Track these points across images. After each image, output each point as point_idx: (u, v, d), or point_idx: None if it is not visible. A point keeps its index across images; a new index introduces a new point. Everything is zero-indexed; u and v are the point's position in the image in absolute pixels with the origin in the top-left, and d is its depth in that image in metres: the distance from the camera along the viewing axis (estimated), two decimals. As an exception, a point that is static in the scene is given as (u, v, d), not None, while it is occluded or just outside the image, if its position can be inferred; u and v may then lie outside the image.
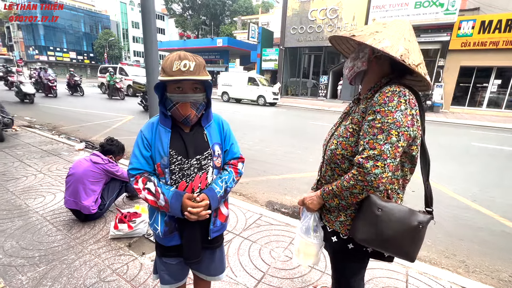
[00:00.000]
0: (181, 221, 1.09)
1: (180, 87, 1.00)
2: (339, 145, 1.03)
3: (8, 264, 1.89)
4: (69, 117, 8.43)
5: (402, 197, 1.06)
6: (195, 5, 38.79)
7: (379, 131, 0.88)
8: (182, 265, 1.21)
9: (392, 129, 0.87)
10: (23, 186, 3.18)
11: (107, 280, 1.78)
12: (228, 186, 1.14)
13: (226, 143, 1.20)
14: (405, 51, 0.88)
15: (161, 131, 1.07)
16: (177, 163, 1.06)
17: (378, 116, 0.89)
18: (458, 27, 13.42)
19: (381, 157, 0.86)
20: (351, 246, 1.06)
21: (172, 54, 1.00)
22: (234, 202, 3.02)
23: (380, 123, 0.88)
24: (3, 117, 5.20)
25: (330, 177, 1.10)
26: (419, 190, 3.75)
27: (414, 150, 0.96)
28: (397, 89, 0.89)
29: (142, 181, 1.05)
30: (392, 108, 0.87)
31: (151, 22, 2.49)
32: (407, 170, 1.02)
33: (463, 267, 2.23)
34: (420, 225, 0.92)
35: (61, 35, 47.23)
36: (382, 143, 0.87)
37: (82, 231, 2.35)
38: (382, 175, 0.87)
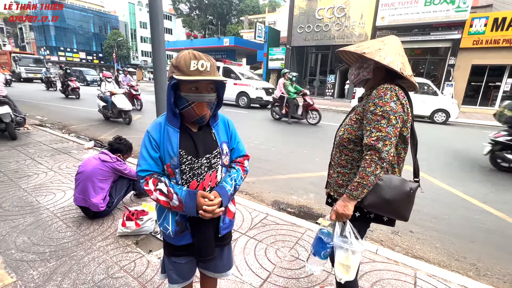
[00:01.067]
0: (192, 220, 1.10)
1: (197, 87, 1.01)
2: (345, 131, 1.27)
3: (20, 259, 1.94)
4: (77, 115, 8.60)
5: (397, 171, 1.25)
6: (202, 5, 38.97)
7: (381, 118, 1.10)
8: (191, 264, 1.22)
9: (391, 115, 1.10)
10: (34, 184, 3.25)
11: (115, 277, 1.81)
12: (237, 183, 1.16)
13: (232, 141, 1.21)
14: (402, 65, 1.16)
15: (169, 131, 1.06)
16: (187, 162, 1.06)
17: (378, 106, 1.11)
18: (470, 24, 13.09)
19: (387, 136, 1.09)
20: (358, 214, 1.26)
21: (184, 53, 0.99)
22: (240, 201, 3.03)
23: (381, 111, 1.11)
24: (16, 116, 5.33)
25: (338, 158, 1.31)
26: (427, 190, 3.67)
27: (404, 131, 1.19)
28: (388, 86, 1.14)
29: (152, 182, 1.05)
30: (388, 99, 1.11)
31: (159, 23, 2.51)
32: (400, 149, 1.23)
33: (473, 270, 2.18)
34: (411, 191, 1.18)
35: (71, 35, 48.15)
36: (385, 126, 1.09)
37: (91, 228, 2.40)
38: (390, 151, 1.09)
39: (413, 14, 14.03)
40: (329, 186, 1.40)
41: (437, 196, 3.53)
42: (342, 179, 1.29)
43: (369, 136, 1.11)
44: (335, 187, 1.32)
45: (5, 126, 5.08)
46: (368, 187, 1.13)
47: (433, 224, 2.85)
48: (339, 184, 1.30)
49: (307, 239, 2.34)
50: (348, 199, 1.17)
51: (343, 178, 1.28)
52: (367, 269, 1.98)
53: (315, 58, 19.56)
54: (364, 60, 1.25)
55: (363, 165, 1.12)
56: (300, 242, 2.30)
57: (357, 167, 1.23)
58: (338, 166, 1.30)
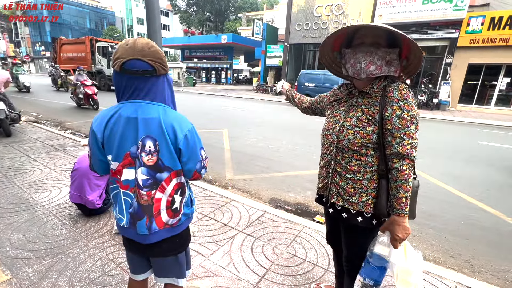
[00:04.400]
0: None
1: None
2: (357, 135, 1.13)
3: (15, 257, 1.92)
4: (73, 112, 8.51)
5: None
6: (200, 1, 38.62)
7: (410, 123, 1.04)
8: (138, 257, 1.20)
9: (417, 119, 1.06)
10: (29, 181, 3.22)
11: (111, 274, 1.80)
12: None
13: None
14: None
15: None
16: None
17: (405, 110, 1.04)
18: (467, 23, 13.13)
19: (417, 143, 1.06)
20: (375, 222, 1.19)
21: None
22: (237, 198, 3.02)
23: (409, 116, 1.04)
24: (10, 112, 5.26)
25: (347, 164, 1.18)
26: (423, 188, 3.69)
27: None
28: (406, 86, 1.07)
29: None
30: (411, 102, 1.05)
31: (156, 19, 2.48)
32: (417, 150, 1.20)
33: (468, 267, 2.21)
34: (417, 189, 1.18)
35: (67, 31, 47.53)
36: (414, 131, 1.05)
37: (87, 225, 2.38)
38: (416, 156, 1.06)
39: (411, 13, 14.05)
40: (335, 196, 1.24)
41: (433, 194, 3.55)
42: (353, 186, 1.17)
43: (401, 144, 1.03)
44: (345, 196, 1.19)
45: (0, 123, 5.01)
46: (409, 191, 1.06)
47: (428, 221, 2.87)
48: (350, 193, 1.18)
49: (304, 237, 2.35)
50: (403, 219, 1.05)
51: (355, 185, 1.16)
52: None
53: (313, 56, 19.53)
54: (388, 52, 1.08)
55: (403, 177, 1.03)
56: (297, 239, 2.31)
57: (370, 172, 1.14)
58: (348, 173, 1.17)
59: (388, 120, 1.06)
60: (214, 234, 2.32)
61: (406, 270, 1.08)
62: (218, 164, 4.36)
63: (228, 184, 3.62)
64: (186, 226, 1.16)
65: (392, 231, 1.08)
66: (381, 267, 1.15)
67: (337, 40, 1.23)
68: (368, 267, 1.18)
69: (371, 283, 1.19)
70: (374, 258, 1.15)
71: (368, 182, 1.15)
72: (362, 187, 1.16)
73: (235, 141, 5.84)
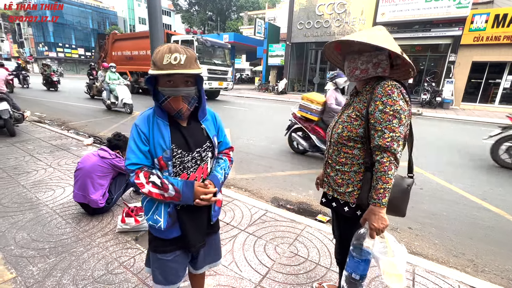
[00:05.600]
0: (183, 210, 1.12)
1: (171, 80, 0.99)
2: (345, 129, 1.22)
3: (19, 255, 1.95)
4: (75, 112, 8.57)
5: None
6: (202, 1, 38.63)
7: (392, 117, 1.07)
8: (177, 264, 1.19)
9: (401, 114, 1.07)
10: (33, 180, 3.25)
11: (114, 273, 1.81)
12: (226, 172, 1.22)
13: (220, 134, 1.26)
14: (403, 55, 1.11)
15: (159, 124, 1.06)
16: (178, 156, 1.07)
17: (387, 105, 1.08)
18: (471, 21, 13.01)
19: (400, 137, 1.07)
20: (359, 213, 1.23)
21: (163, 47, 0.98)
22: (239, 197, 3.03)
23: (392, 110, 1.07)
24: (14, 111, 5.31)
25: (337, 156, 1.27)
26: (426, 187, 3.68)
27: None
28: (393, 83, 1.10)
29: (144, 175, 1.03)
30: (396, 97, 1.08)
31: (158, 18, 2.49)
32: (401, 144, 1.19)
33: (471, 266, 2.20)
34: (408, 187, 1.20)
35: (69, 31, 47.82)
36: (397, 126, 1.07)
37: (90, 224, 2.40)
38: (401, 151, 1.10)
39: (414, 10, 13.94)
40: (326, 186, 1.36)
41: (436, 193, 3.53)
42: (341, 177, 1.25)
43: (382, 137, 1.07)
44: (334, 186, 1.29)
45: (4, 123, 5.06)
46: (390, 190, 1.09)
47: (431, 220, 2.86)
48: (338, 184, 1.26)
49: (306, 236, 2.35)
50: (380, 209, 1.09)
51: (343, 176, 1.24)
52: (365, 265, 1.99)
53: (315, 55, 19.47)
54: (374, 55, 1.13)
55: (383, 169, 1.06)
56: (299, 238, 2.31)
57: (357, 164, 1.21)
58: (337, 165, 1.26)
59: (372, 115, 1.12)
60: (216, 233, 2.32)
61: (391, 263, 1.12)
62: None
63: (230, 183, 3.63)
64: None
65: (368, 220, 1.12)
66: (364, 259, 1.17)
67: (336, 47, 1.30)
68: (352, 260, 1.20)
69: (357, 277, 1.20)
70: (356, 251, 1.18)
71: (354, 174, 1.22)
72: (350, 178, 1.23)
73: (237, 140, 5.84)
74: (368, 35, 1.09)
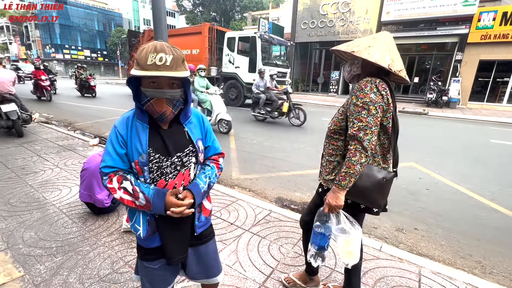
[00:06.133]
0: (162, 219, 1.04)
1: (155, 81, 0.92)
2: (332, 123, 1.40)
3: (27, 254, 1.98)
4: (83, 113, 8.67)
5: (378, 161, 1.31)
6: (206, 1, 38.77)
7: (362, 109, 1.18)
8: (164, 271, 1.13)
9: (371, 106, 1.18)
10: (41, 180, 3.30)
11: (120, 272, 1.83)
12: (211, 181, 1.13)
13: (207, 139, 1.17)
14: (391, 61, 1.22)
15: (138, 126, 1.00)
16: (155, 161, 1.00)
17: (359, 98, 1.20)
18: (478, 19, 12.81)
19: (368, 126, 1.16)
20: (349, 201, 1.32)
21: (148, 45, 0.91)
22: (243, 197, 3.03)
23: (362, 102, 1.19)
24: (22, 113, 5.39)
25: (327, 148, 1.42)
26: (432, 188, 3.64)
27: (384, 120, 1.26)
28: (369, 78, 1.22)
29: (117, 180, 0.99)
30: (368, 91, 1.19)
31: (162, 20, 2.51)
32: (383, 139, 1.30)
33: (479, 268, 2.16)
34: (384, 179, 1.25)
35: (76, 33, 48.42)
36: (366, 116, 1.17)
37: (96, 223, 2.42)
38: (372, 140, 1.17)
39: (419, 9, 13.78)
40: (320, 175, 1.47)
41: (442, 194, 3.49)
42: (329, 167, 1.39)
43: (352, 127, 1.19)
44: (324, 174, 1.41)
45: (12, 124, 5.15)
46: (355, 176, 1.18)
47: (438, 221, 2.82)
48: (327, 172, 1.40)
49: (311, 236, 2.34)
50: (338, 190, 1.22)
51: (329, 166, 1.39)
52: (371, 266, 1.97)
53: (319, 54, 19.38)
54: (354, 58, 1.31)
55: (348, 155, 1.19)
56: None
57: (340, 155, 1.35)
58: (327, 155, 1.41)
59: (348, 108, 1.26)
60: (220, 233, 2.33)
61: (346, 241, 1.29)
62: (224, 163, 4.37)
63: (234, 183, 3.63)
64: None
65: (327, 196, 1.28)
66: (321, 233, 1.36)
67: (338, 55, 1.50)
68: (313, 234, 1.40)
69: (315, 248, 1.39)
70: (316, 226, 1.37)
71: (338, 164, 1.36)
72: (334, 167, 1.37)
73: (241, 140, 5.85)
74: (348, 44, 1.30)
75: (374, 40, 1.27)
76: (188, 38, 11.87)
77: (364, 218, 2.82)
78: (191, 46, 11.81)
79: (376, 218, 2.83)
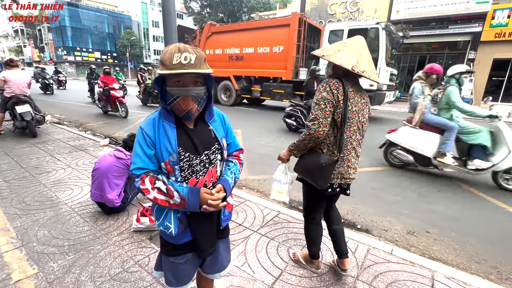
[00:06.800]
0: (193, 215, 1.09)
1: (180, 80, 0.97)
2: None
3: (41, 252, 2.02)
4: (92, 113, 8.85)
5: (332, 150, 1.56)
6: (213, 3, 39.01)
7: (315, 104, 1.50)
8: (189, 265, 1.19)
9: (321, 101, 1.48)
10: (53, 179, 3.38)
11: (130, 271, 1.85)
12: (236, 176, 1.19)
13: (229, 136, 1.23)
14: (356, 62, 1.42)
15: (166, 127, 1.03)
16: (185, 160, 1.04)
17: (316, 96, 1.52)
18: (492, 16, 12.48)
19: (316, 118, 1.48)
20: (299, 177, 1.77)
21: (170, 46, 0.96)
22: (251, 198, 3.03)
23: (316, 99, 1.51)
24: (35, 114, 5.54)
25: None
26: (444, 189, 3.52)
27: (335, 116, 1.50)
28: (328, 79, 1.52)
29: (149, 181, 1.01)
30: (322, 90, 1.50)
31: (172, 21, 2.53)
32: (335, 131, 1.54)
33: (495, 273, 2.09)
34: (324, 163, 1.52)
35: (86, 36, 49.53)
36: (316, 110, 1.49)
37: (107, 223, 2.46)
38: (318, 129, 1.47)
39: (430, 7, 13.52)
40: None
41: (455, 195, 3.40)
42: None
43: (308, 118, 1.53)
44: None
45: (26, 124, 5.30)
46: (299, 150, 1.65)
47: (451, 224, 2.75)
48: None
49: (320, 238, 2.31)
50: (287, 151, 1.76)
51: None
52: (382, 269, 1.94)
53: (327, 54, 19.20)
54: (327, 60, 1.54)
55: (301, 136, 1.58)
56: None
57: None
58: None
59: None
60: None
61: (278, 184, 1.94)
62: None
63: (242, 184, 3.63)
64: None
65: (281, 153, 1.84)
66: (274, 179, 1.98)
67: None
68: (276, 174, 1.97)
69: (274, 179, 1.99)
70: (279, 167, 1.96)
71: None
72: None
73: (249, 140, 5.85)
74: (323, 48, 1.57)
75: (345, 44, 1.50)
76: (267, 33, 9.60)
77: (374, 222, 2.77)
78: (271, 42, 9.53)
79: (387, 220, 2.78)
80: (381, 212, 2.95)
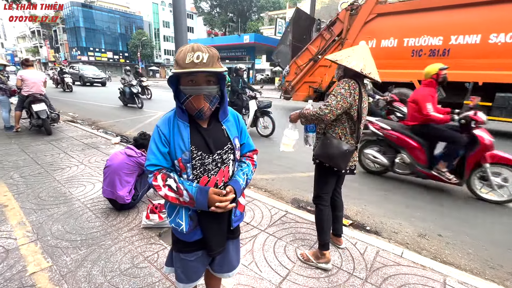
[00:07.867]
0: (204, 214, 1.10)
1: (193, 79, 0.98)
2: None
3: (55, 246, 2.09)
4: (104, 112, 9.05)
5: (349, 139, 1.87)
6: (223, 2, 39.22)
7: (332, 95, 1.77)
8: (199, 263, 1.21)
9: (338, 95, 1.75)
10: (67, 176, 3.48)
11: (139, 267, 1.89)
12: (248, 178, 1.18)
13: (243, 136, 1.22)
14: (364, 66, 1.73)
15: (180, 125, 1.05)
16: (198, 158, 1.05)
17: (335, 89, 1.78)
18: None
19: (330, 105, 1.74)
20: (318, 161, 1.96)
21: (185, 46, 0.97)
22: (259, 198, 3.03)
23: (334, 91, 1.78)
24: (51, 112, 5.72)
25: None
26: (457, 193, 3.40)
27: (351, 111, 1.79)
28: (348, 79, 1.79)
29: (161, 178, 1.04)
30: (342, 86, 1.77)
31: (182, 21, 2.56)
32: (351, 124, 1.85)
33: (511, 280, 2.02)
34: (347, 150, 1.79)
35: (100, 36, 50.75)
36: (332, 100, 1.75)
37: (117, 219, 2.52)
38: (328, 114, 1.75)
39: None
40: None
41: (468, 199, 3.30)
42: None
43: (324, 103, 1.78)
44: None
45: (42, 122, 5.47)
46: (306, 120, 1.91)
47: (464, 228, 2.67)
48: None
49: (328, 239, 2.29)
50: (298, 116, 1.99)
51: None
52: (391, 272, 1.90)
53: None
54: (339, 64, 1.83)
55: (314, 111, 1.82)
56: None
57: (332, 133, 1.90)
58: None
59: None
60: (236, 233, 2.34)
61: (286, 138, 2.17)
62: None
63: (250, 183, 3.64)
64: None
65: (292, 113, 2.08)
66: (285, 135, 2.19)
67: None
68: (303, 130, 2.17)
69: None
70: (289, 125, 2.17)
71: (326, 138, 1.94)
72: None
73: (257, 139, 5.85)
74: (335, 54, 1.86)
75: (353, 51, 1.81)
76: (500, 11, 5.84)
77: (384, 224, 2.72)
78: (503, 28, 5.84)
79: (397, 223, 2.73)
80: (391, 214, 2.89)
